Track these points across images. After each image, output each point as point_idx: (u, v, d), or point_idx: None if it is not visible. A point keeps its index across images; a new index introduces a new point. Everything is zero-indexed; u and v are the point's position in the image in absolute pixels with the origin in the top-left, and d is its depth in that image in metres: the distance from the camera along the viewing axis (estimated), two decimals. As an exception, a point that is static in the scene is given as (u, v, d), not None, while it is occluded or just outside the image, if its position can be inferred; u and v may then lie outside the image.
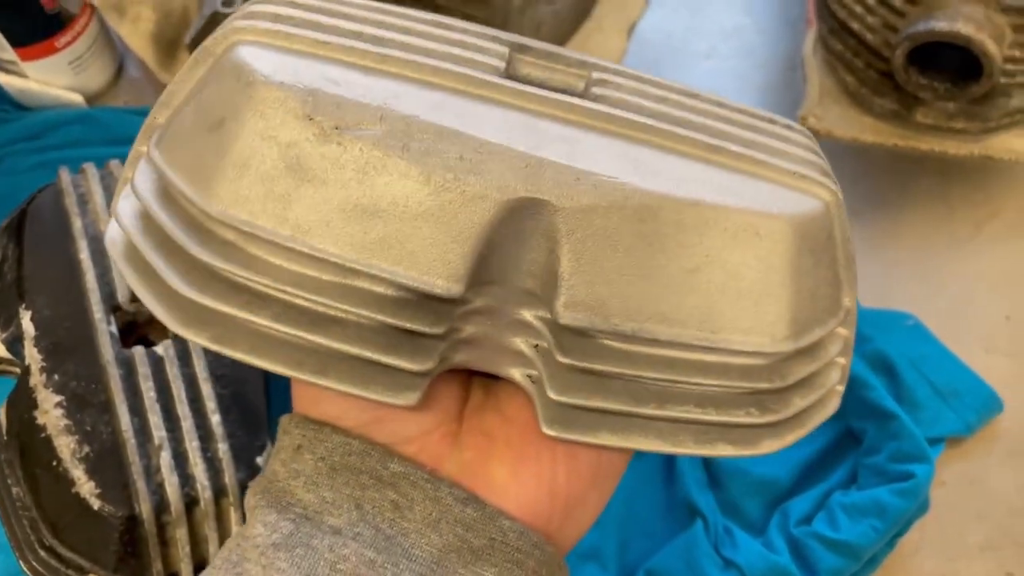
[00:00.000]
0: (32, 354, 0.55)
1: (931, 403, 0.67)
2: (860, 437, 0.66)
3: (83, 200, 0.61)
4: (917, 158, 0.77)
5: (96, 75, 0.79)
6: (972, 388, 0.68)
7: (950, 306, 0.74)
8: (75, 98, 0.78)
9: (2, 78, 0.77)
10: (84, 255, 0.59)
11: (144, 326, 0.60)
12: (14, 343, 0.56)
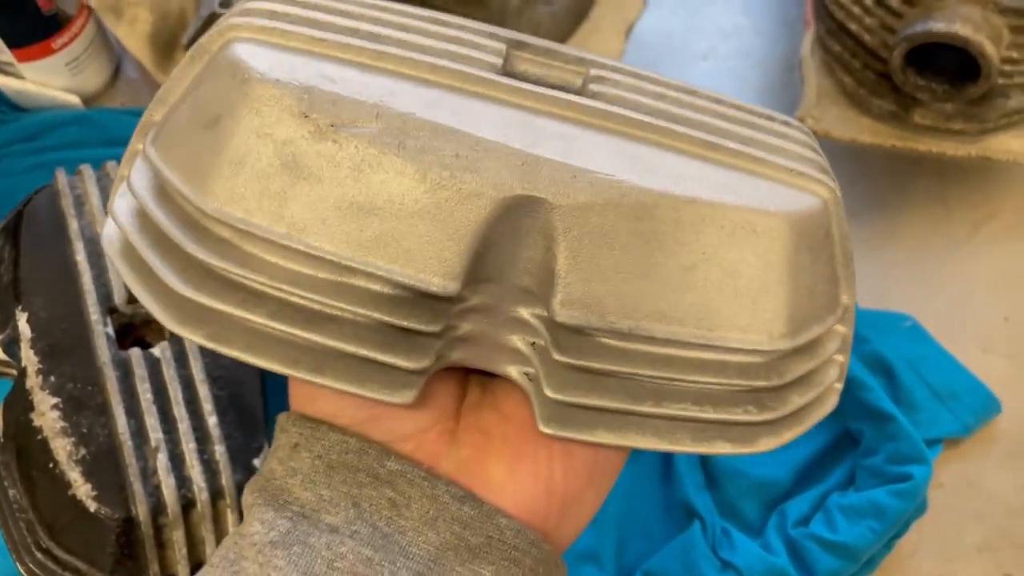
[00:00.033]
0: (28, 356, 0.55)
1: (929, 404, 0.67)
2: (858, 438, 0.66)
3: (79, 202, 0.60)
4: (915, 159, 0.77)
5: (93, 76, 0.79)
6: (970, 389, 0.68)
7: (948, 307, 0.74)
8: (72, 99, 0.78)
9: (-1, 79, 0.77)
10: (80, 257, 0.58)
11: (141, 328, 0.59)
12: (10, 345, 0.56)
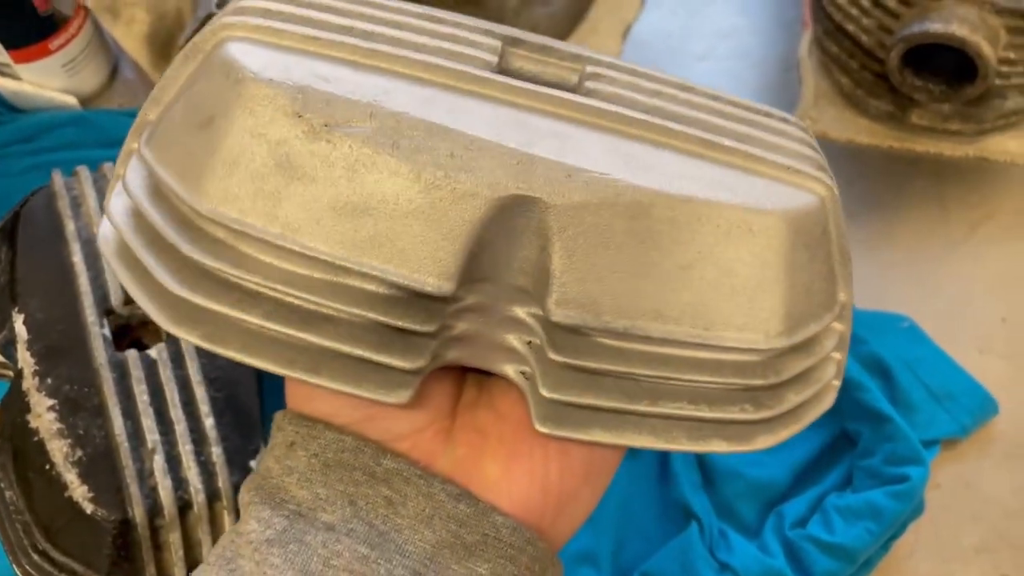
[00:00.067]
0: (25, 358, 0.55)
1: (926, 405, 0.67)
2: (855, 439, 0.65)
3: (76, 203, 0.60)
4: (912, 160, 0.77)
5: (90, 77, 0.79)
6: (967, 390, 0.68)
7: (945, 308, 0.74)
8: (69, 100, 0.77)
9: (-4, 81, 0.77)
10: (77, 258, 0.58)
11: (137, 329, 0.59)
12: (7, 346, 0.56)
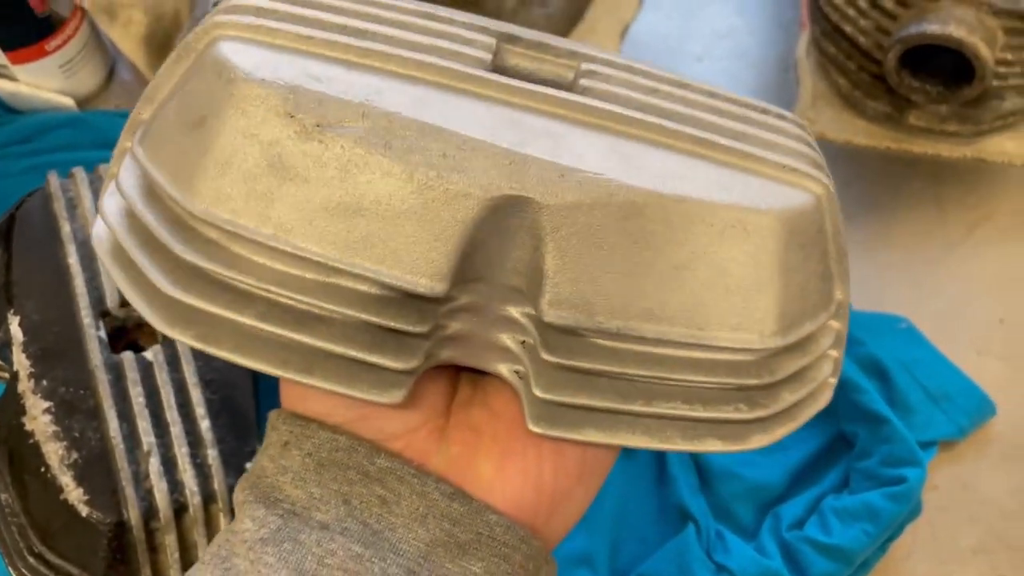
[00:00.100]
0: (20, 360, 0.55)
1: (923, 407, 0.67)
2: (852, 441, 0.65)
3: (72, 204, 0.60)
4: (910, 161, 0.77)
5: (87, 78, 0.79)
6: (965, 392, 0.68)
7: (943, 309, 0.74)
8: (66, 101, 0.77)
9: (-8, 82, 0.77)
10: (73, 260, 0.58)
11: (133, 331, 0.59)
12: (2, 348, 0.56)
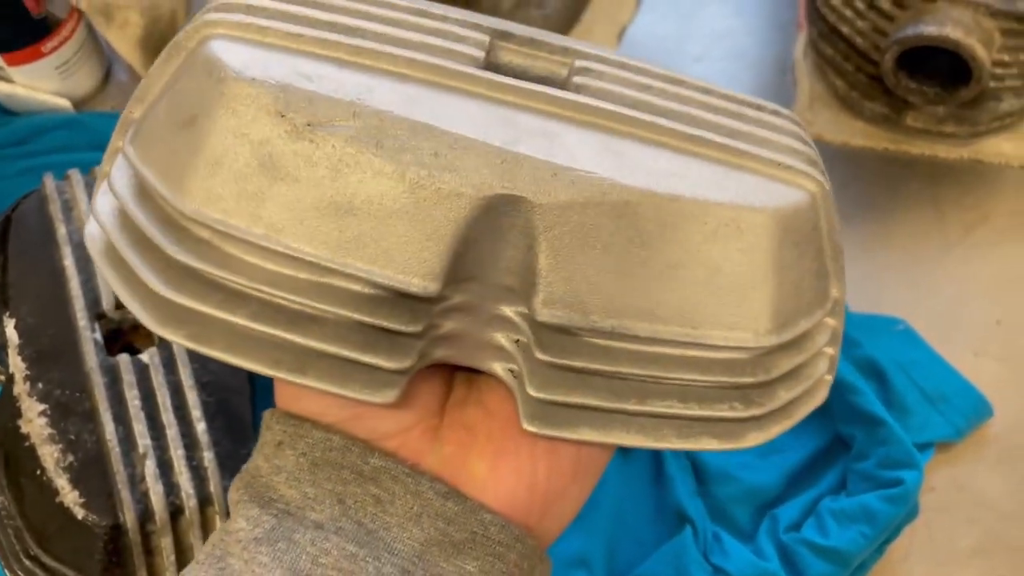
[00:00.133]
0: (16, 362, 0.55)
1: (921, 408, 0.67)
2: (849, 443, 0.65)
3: (68, 207, 0.60)
4: (907, 162, 0.77)
5: (84, 80, 0.79)
6: (962, 393, 0.68)
7: (940, 310, 0.74)
8: (62, 103, 0.77)
9: (-11, 83, 0.77)
10: (68, 262, 0.58)
11: (129, 333, 0.59)
12: (-2, 351, 0.56)
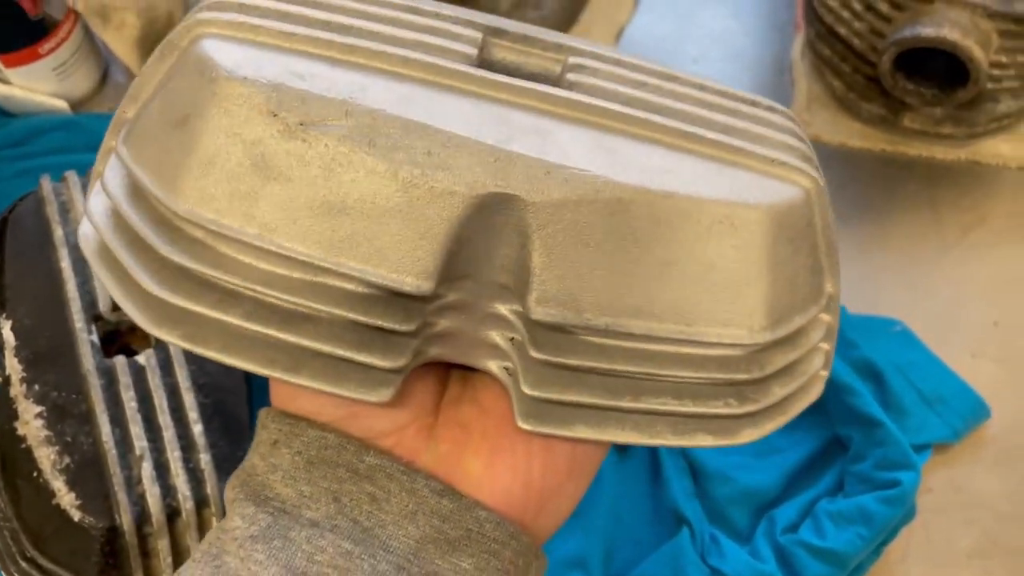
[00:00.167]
0: (12, 364, 0.55)
1: (918, 410, 0.67)
2: (847, 444, 0.65)
3: (64, 208, 0.60)
4: (904, 163, 0.77)
5: (81, 81, 0.79)
6: (959, 394, 0.68)
7: (938, 312, 0.74)
8: (59, 104, 0.77)
9: (-14, 85, 0.77)
10: (65, 264, 0.58)
11: (126, 335, 0.59)
12: (-6, 353, 0.56)
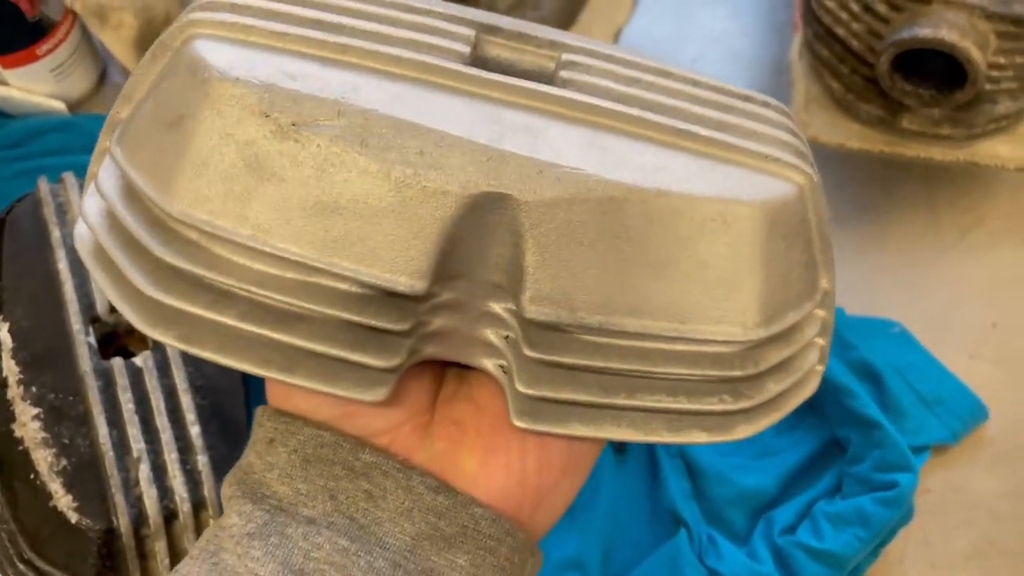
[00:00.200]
0: (9, 366, 0.55)
1: (916, 411, 0.67)
2: (845, 445, 0.65)
3: (62, 210, 0.60)
4: (903, 164, 0.76)
5: (78, 82, 0.79)
6: (957, 396, 0.68)
7: (936, 313, 0.74)
8: (57, 105, 0.77)
9: (-17, 86, 0.77)
10: (62, 265, 0.58)
11: (123, 337, 0.59)
12: (-9, 355, 0.56)
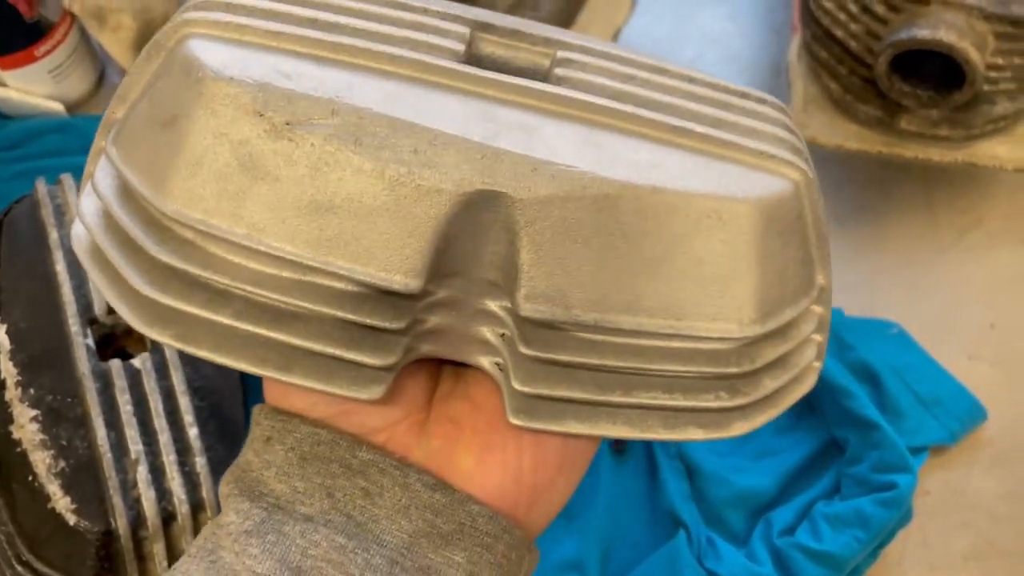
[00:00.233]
0: (7, 368, 0.55)
1: (915, 412, 0.67)
2: (843, 446, 0.65)
3: (60, 211, 0.60)
4: (901, 165, 0.76)
5: (77, 83, 0.79)
6: (956, 397, 0.68)
7: (935, 314, 0.74)
8: (55, 107, 0.77)
9: (-19, 87, 0.76)
10: (60, 267, 0.58)
11: (122, 338, 0.59)
12: (-11, 356, 0.56)
